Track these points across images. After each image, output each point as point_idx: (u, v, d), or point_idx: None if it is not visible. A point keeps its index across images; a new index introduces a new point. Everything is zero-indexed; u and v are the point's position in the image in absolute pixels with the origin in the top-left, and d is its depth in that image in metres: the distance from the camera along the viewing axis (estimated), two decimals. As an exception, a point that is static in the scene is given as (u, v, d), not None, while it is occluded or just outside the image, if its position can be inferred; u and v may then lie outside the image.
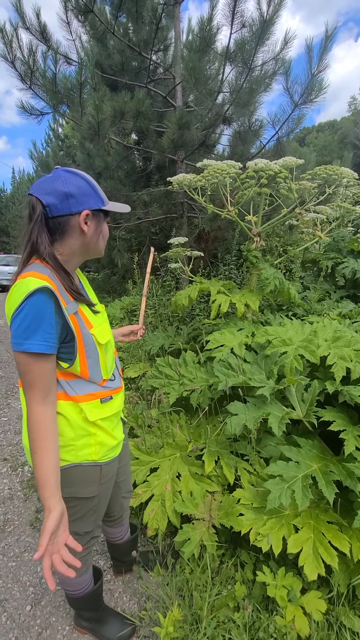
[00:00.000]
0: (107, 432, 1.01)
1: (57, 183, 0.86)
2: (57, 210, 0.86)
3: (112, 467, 1.07)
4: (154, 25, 3.72)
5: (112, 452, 1.04)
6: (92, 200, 0.90)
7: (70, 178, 0.88)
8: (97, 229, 0.94)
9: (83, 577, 1.16)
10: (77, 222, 0.89)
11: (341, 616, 1.22)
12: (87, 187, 0.90)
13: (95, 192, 0.91)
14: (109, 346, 1.03)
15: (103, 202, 0.93)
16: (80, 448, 0.96)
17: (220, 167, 1.98)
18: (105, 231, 0.98)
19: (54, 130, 11.63)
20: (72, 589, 1.17)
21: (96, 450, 0.98)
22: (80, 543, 1.07)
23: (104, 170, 4.27)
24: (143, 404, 2.21)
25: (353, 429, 1.41)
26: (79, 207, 0.88)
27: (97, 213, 0.93)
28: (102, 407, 0.99)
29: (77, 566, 0.83)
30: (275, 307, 2.72)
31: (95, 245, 0.96)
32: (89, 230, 0.91)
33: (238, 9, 2.77)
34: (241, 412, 1.53)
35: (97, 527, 1.13)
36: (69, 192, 0.86)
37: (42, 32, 3.48)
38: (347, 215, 2.68)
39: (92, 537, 1.12)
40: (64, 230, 0.89)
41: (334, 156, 8.71)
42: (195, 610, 1.25)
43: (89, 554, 1.16)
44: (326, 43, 2.75)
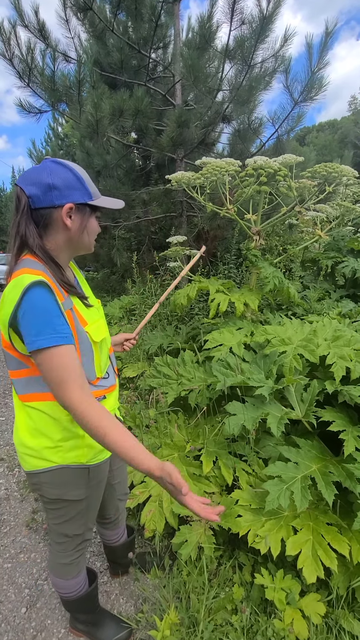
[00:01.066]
0: None
1: (42, 174, 0.83)
2: (40, 202, 0.83)
3: (102, 469, 1.04)
4: (153, 23, 3.70)
5: (101, 454, 1.01)
6: (77, 193, 0.85)
7: (57, 169, 0.84)
8: (81, 224, 0.89)
9: (76, 580, 1.14)
10: (60, 215, 0.84)
11: (340, 619, 1.20)
12: (73, 179, 0.85)
13: (83, 185, 0.87)
14: (104, 344, 1.01)
15: (90, 196, 0.88)
16: (68, 450, 0.93)
17: (219, 165, 1.96)
18: (92, 227, 0.93)
19: (53, 130, 11.61)
20: (66, 591, 1.15)
21: (84, 453, 0.95)
22: (69, 546, 1.07)
23: (103, 169, 4.25)
24: (141, 403, 2.20)
25: (353, 429, 1.40)
26: (62, 200, 0.83)
27: (83, 207, 0.88)
28: None
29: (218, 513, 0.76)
30: (274, 306, 2.70)
31: (80, 240, 0.91)
32: (73, 225, 0.87)
33: (237, 6, 2.75)
34: (240, 412, 1.51)
35: (89, 530, 1.11)
36: (53, 184, 0.82)
37: (40, 30, 3.45)
38: (347, 214, 2.66)
39: (83, 540, 1.10)
40: (47, 224, 0.85)
41: (334, 155, 8.70)
42: (192, 613, 1.23)
43: (82, 557, 1.14)
44: (326, 40, 2.73)
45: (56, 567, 1.12)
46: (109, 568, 1.51)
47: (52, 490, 0.95)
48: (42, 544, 1.66)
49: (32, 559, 1.59)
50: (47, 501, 0.99)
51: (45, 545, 1.66)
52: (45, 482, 0.95)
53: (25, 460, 0.95)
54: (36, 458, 0.93)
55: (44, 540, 1.68)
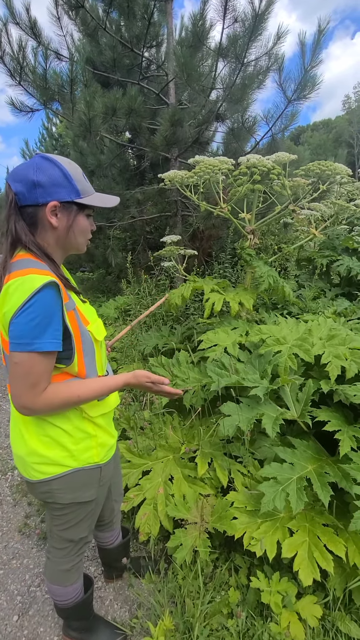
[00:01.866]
0: (106, 430, 1.00)
1: (29, 170, 0.81)
2: (25, 200, 0.81)
3: (110, 467, 1.06)
4: (145, 21, 3.68)
5: (110, 451, 1.04)
6: (63, 191, 0.83)
7: (44, 166, 0.82)
8: (68, 223, 0.86)
9: (73, 586, 1.13)
10: (45, 214, 0.82)
11: (337, 621, 1.19)
12: (60, 176, 0.82)
13: (69, 182, 0.84)
14: (103, 344, 1.02)
15: (78, 194, 0.85)
16: (82, 451, 0.94)
17: (212, 163, 1.94)
18: (80, 226, 0.89)
19: (47, 129, 11.54)
20: (62, 598, 1.13)
21: (98, 452, 0.97)
22: (72, 551, 1.07)
23: (97, 169, 4.22)
24: (136, 405, 2.17)
25: (348, 429, 1.38)
26: (46, 198, 0.81)
27: (69, 205, 0.85)
28: (101, 404, 0.97)
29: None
30: (270, 305, 2.68)
31: (68, 240, 0.88)
32: (59, 224, 0.85)
33: (230, 4, 2.73)
34: (234, 412, 1.50)
35: (91, 532, 1.11)
36: (38, 181, 0.80)
37: (32, 28, 3.42)
38: (341, 212, 2.66)
39: (85, 542, 1.10)
40: (34, 222, 0.84)
41: (328, 154, 8.74)
42: (187, 618, 1.21)
43: (80, 562, 1.12)
44: (319, 38, 2.73)
45: (55, 574, 1.09)
46: (104, 572, 1.49)
47: (66, 495, 0.94)
48: (35, 550, 1.63)
49: (25, 565, 1.56)
50: (58, 507, 0.97)
51: (39, 551, 1.63)
52: (59, 488, 0.93)
53: (37, 469, 0.91)
54: (50, 465, 0.91)
55: (37, 546, 1.65)
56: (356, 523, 1.12)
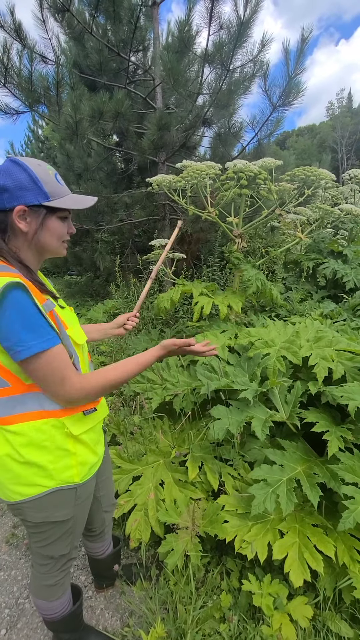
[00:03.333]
0: (89, 448, 0.94)
1: None
2: None
3: (89, 486, 1.00)
4: (132, 26, 3.69)
5: (92, 469, 0.98)
6: (30, 194, 0.80)
7: (11, 169, 0.80)
8: (37, 227, 0.83)
9: (59, 601, 1.09)
10: (12, 219, 0.80)
11: (328, 621, 1.20)
12: (27, 179, 0.80)
13: (36, 184, 0.80)
14: (85, 349, 0.99)
15: (47, 196, 0.82)
16: (60, 471, 0.88)
17: (199, 168, 1.96)
18: (52, 229, 0.86)
19: (33, 132, 11.43)
20: (48, 613, 1.09)
21: (78, 472, 0.91)
22: (54, 567, 1.02)
23: (84, 172, 4.20)
24: (125, 410, 2.16)
25: (336, 429, 1.40)
26: (12, 202, 0.79)
27: (38, 209, 0.82)
28: (87, 418, 0.92)
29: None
30: (258, 308, 2.71)
31: (40, 244, 0.86)
32: (29, 229, 0.82)
33: (215, 11, 2.78)
34: (224, 416, 1.50)
35: (74, 549, 1.06)
36: (4, 186, 0.78)
37: (16, 30, 3.38)
38: (326, 216, 2.71)
39: (68, 559, 1.05)
40: (3, 228, 0.82)
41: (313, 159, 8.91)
42: (179, 624, 1.20)
43: (66, 577, 1.09)
44: (302, 46, 2.79)
45: (39, 589, 1.05)
46: (94, 582, 1.46)
47: (36, 515, 0.90)
48: (23, 561, 1.60)
49: (13, 576, 1.52)
50: (30, 525, 0.93)
51: (27, 562, 1.59)
52: (29, 507, 0.89)
53: (11, 490, 0.86)
54: (24, 485, 0.86)
55: (25, 557, 1.62)
56: (344, 523, 1.14)
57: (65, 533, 0.97)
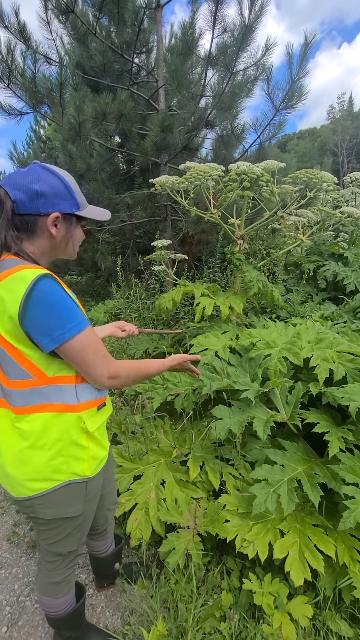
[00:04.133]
0: (99, 443, 0.96)
1: (30, 179, 0.81)
2: (25, 208, 0.81)
3: (99, 480, 1.01)
4: (135, 27, 3.71)
5: (101, 463, 1.00)
6: (65, 203, 0.85)
7: (45, 176, 0.83)
8: (67, 234, 0.89)
9: (65, 598, 1.10)
10: (45, 223, 0.84)
11: (328, 620, 1.21)
12: (61, 188, 0.84)
13: (71, 194, 0.86)
14: None
15: (78, 206, 0.88)
16: (72, 464, 0.89)
17: (202, 170, 1.97)
18: (77, 236, 0.93)
19: (35, 132, 11.45)
20: (53, 610, 1.10)
21: (89, 466, 0.93)
22: (62, 564, 1.03)
23: (86, 173, 4.21)
24: (127, 409, 2.16)
25: (337, 430, 1.42)
26: (48, 209, 0.83)
27: (69, 217, 0.88)
28: (98, 414, 0.94)
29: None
30: (259, 309, 2.73)
31: (64, 249, 0.92)
32: (58, 234, 0.87)
33: (219, 14, 2.80)
34: (226, 416, 1.51)
35: (82, 545, 1.07)
36: (40, 191, 0.81)
37: (21, 32, 3.40)
38: (327, 219, 2.73)
39: (75, 555, 1.06)
40: (31, 230, 0.84)
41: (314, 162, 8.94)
42: (180, 623, 1.21)
43: (72, 574, 1.10)
44: (306, 51, 2.81)
45: (46, 586, 1.06)
46: (95, 581, 1.47)
47: (48, 511, 0.90)
48: (24, 559, 1.60)
49: (14, 574, 1.53)
50: (42, 522, 0.93)
51: (28, 560, 1.60)
52: (40, 503, 0.89)
53: (24, 485, 0.87)
54: (38, 481, 0.87)
55: (25, 555, 1.62)
56: (345, 522, 1.15)
57: (75, 529, 0.98)
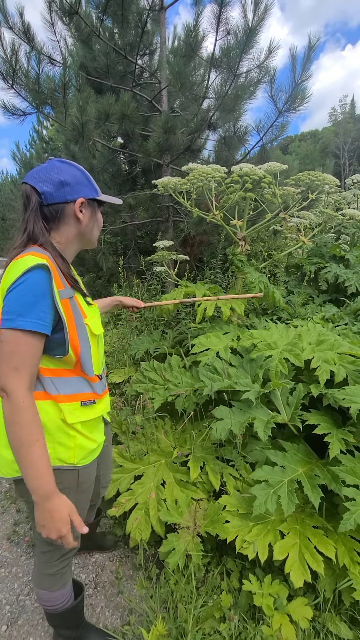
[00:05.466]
0: (85, 436, 0.96)
1: (52, 172, 0.88)
2: (53, 198, 0.88)
3: (91, 471, 1.02)
4: (139, 29, 3.73)
5: (91, 454, 1.00)
6: (86, 189, 0.93)
7: (65, 167, 0.90)
8: (92, 217, 0.97)
9: (61, 592, 1.09)
10: (73, 209, 0.91)
11: (327, 622, 1.21)
12: (81, 176, 0.92)
13: (90, 182, 0.95)
14: (101, 341, 1.04)
15: (97, 192, 0.96)
16: (58, 451, 0.90)
17: (205, 171, 1.98)
18: (99, 220, 1.02)
19: (38, 132, 11.49)
20: (50, 604, 1.10)
21: (75, 454, 0.93)
22: (54, 556, 1.04)
23: (89, 173, 4.23)
24: (127, 409, 2.17)
25: (337, 432, 1.42)
26: (74, 195, 0.90)
27: (92, 202, 0.96)
28: (83, 409, 0.94)
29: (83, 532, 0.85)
30: (260, 311, 2.73)
31: (90, 233, 0.99)
32: (84, 218, 0.94)
33: (223, 17, 2.81)
34: (227, 416, 1.51)
35: (76, 539, 1.06)
36: (64, 181, 0.88)
37: (25, 32, 3.42)
38: (329, 221, 2.73)
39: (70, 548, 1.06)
40: (59, 218, 0.91)
41: (315, 164, 8.95)
42: (180, 623, 1.21)
43: (67, 568, 1.09)
44: (309, 53, 2.82)
45: (41, 578, 1.07)
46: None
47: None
48: (24, 558, 1.60)
49: (14, 573, 1.53)
50: (32, 508, 0.90)
51: (28, 559, 1.60)
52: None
53: (11, 467, 0.89)
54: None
55: (26, 554, 1.62)
56: (345, 524, 1.15)
57: None
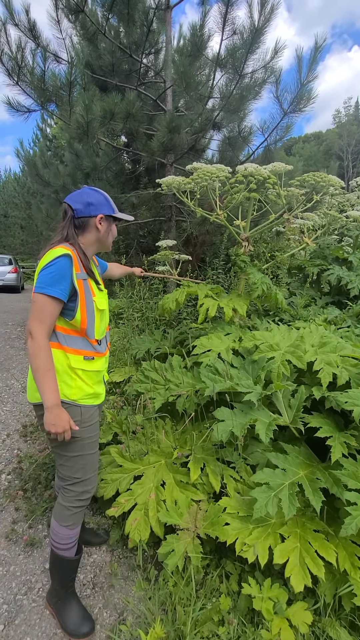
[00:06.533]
0: (86, 383, 1.24)
1: (83, 195, 1.28)
2: (81, 213, 1.26)
3: (92, 413, 1.27)
4: (145, 28, 3.72)
5: (90, 399, 1.26)
6: (105, 208, 1.30)
7: (92, 193, 1.30)
8: (108, 228, 1.33)
9: (69, 531, 1.27)
10: (94, 222, 1.28)
11: (327, 628, 1.20)
12: (103, 199, 1.30)
13: (109, 203, 1.32)
14: (105, 315, 1.32)
15: (114, 211, 1.33)
16: (62, 387, 1.18)
17: (209, 171, 1.97)
18: (114, 231, 1.38)
19: (42, 130, 11.49)
20: (62, 541, 1.26)
21: (75, 392, 1.21)
22: (71, 493, 1.26)
23: (92, 171, 4.22)
24: (128, 409, 2.16)
25: (339, 435, 1.40)
26: (96, 212, 1.27)
27: (109, 218, 1.32)
28: (85, 362, 1.23)
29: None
30: (262, 312, 2.72)
31: (106, 240, 1.34)
32: (102, 228, 1.30)
33: (229, 16, 2.80)
34: (228, 418, 1.50)
35: (89, 483, 1.28)
36: (90, 202, 1.27)
37: (31, 30, 3.42)
38: (333, 223, 2.72)
39: (83, 490, 1.26)
40: (85, 227, 1.28)
41: (319, 166, 8.94)
42: (178, 626, 1.20)
43: (79, 513, 1.28)
44: (315, 54, 2.81)
45: (59, 511, 1.28)
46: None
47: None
48: (22, 556, 1.59)
49: (12, 572, 1.52)
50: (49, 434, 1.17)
51: (26, 558, 1.59)
52: (43, 412, 1.15)
53: (32, 395, 1.22)
54: (37, 391, 1.16)
55: (24, 553, 1.61)
56: (347, 529, 1.14)
57: (76, 453, 1.22)
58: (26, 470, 2.06)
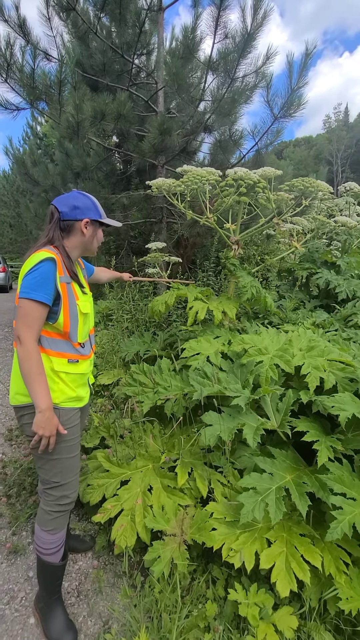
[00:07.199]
0: (68, 385, 1.24)
1: (70, 199, 1.27)
2: (67, 216, 1.25)
3: (72, 416, 1.26)
4: (137, 29, 3.71)
5: (72, 402, 1.26)
6: (92, 212, 1.29)
7: (80, 197, 1.29)
8: (93, 233, 1.31)
9: (52, 536, 1.25)
10: (80, 226, 1.27)
11: (312, 632, 1.20)
12: (90, 204, 1.29)
13: (96, 208, 1.30)
14: (88, 319, 1.31)
15: (100, 215, 1.31)
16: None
17: (199, 174, 1.97)
18: (99, 236, 1.36)
19: (32, 128, 11.35)
20: (44, 546, 1.25)
21: (57, 395, 1.20)
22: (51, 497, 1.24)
23: (83, 171, 4.17)
24: (116, 412, 2.13)
25: (326, 439, 1.41)
26: (82, 216, 1.26)
27: (95, 222, 1.31)
28: (69, 365, 1.24)
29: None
30: (251, 314, 2.73)
31: (90, 244, 1.33)
32: (87, 233, 1.29)
33: (222, 20, 2.81)
34: (216, 422, 1.50)
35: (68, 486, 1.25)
36: (77, 205, 1.26)
37: (21, 26, 3.37)
38: (321, 227, 2.75)
39: (62, 494, 1.24)
40: (70, 230, 1.27)
41: (309, 170, 9.05)
42: (164, 634, 1.18)
43: (61, 518, 1.26)
44: (306, 61, 2.84)
45: (41, 515, 1.27)
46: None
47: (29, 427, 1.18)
48: (5, 565, 1.56)
49: (-7, 580, 1.48)
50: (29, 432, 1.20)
51: (9, 566, 1.55)
52: (24, 414, 1.21)
53: (14, 398, 1.22)
54: (21, 395, 1.20)
55: (7, 561, 1.58)
56: (332, 533, 1.14)
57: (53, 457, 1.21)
58: (10, 476, 2.02)
